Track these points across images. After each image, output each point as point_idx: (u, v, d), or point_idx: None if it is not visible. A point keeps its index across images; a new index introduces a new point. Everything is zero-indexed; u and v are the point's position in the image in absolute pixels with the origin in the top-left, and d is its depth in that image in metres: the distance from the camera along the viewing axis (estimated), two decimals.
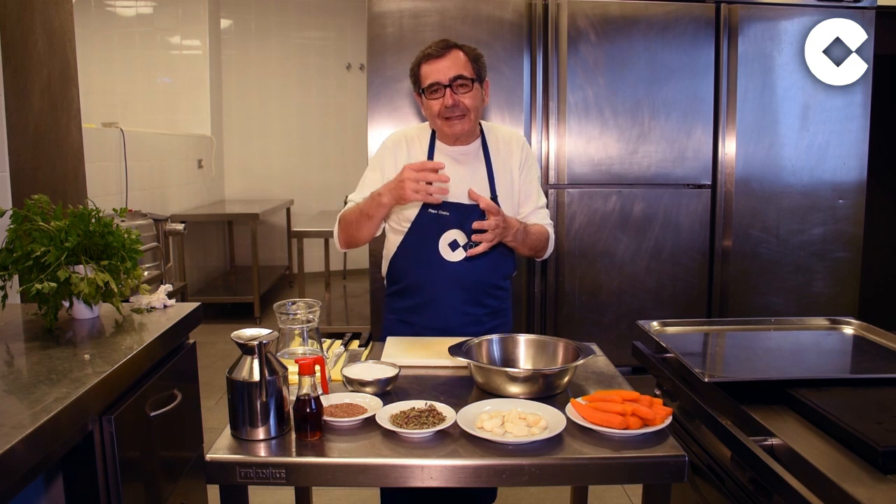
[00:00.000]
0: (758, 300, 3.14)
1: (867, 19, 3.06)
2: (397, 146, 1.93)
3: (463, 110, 1.81)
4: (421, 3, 2.92)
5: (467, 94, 1.81)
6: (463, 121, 1.83)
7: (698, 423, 1.50)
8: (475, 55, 1.86)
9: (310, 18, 6.69)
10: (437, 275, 1.87)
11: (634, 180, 3.05)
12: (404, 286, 1.93)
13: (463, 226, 1.84)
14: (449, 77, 1.79)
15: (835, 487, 1.00)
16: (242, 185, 6.76)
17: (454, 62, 1.81)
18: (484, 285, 1.90)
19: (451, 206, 1.85)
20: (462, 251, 1.86)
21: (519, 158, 1.95)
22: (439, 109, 1.81)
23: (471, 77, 1.82)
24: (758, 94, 3.05)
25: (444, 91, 1.80)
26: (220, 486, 1.23)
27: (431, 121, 1.89)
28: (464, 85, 1.81)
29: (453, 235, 1.85)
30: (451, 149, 1.91)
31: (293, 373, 1.31)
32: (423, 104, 1.88)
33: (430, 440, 1.24)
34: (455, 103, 1.80)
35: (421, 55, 1.85)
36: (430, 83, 1.81)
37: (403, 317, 1.95)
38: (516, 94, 2.97)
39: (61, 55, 2.41)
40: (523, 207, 1.96)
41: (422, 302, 1.90)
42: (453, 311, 1.88)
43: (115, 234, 1.43)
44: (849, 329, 1.83)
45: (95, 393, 1.06)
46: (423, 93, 1.84)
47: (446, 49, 1.82)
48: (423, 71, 1.84)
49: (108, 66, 6.06)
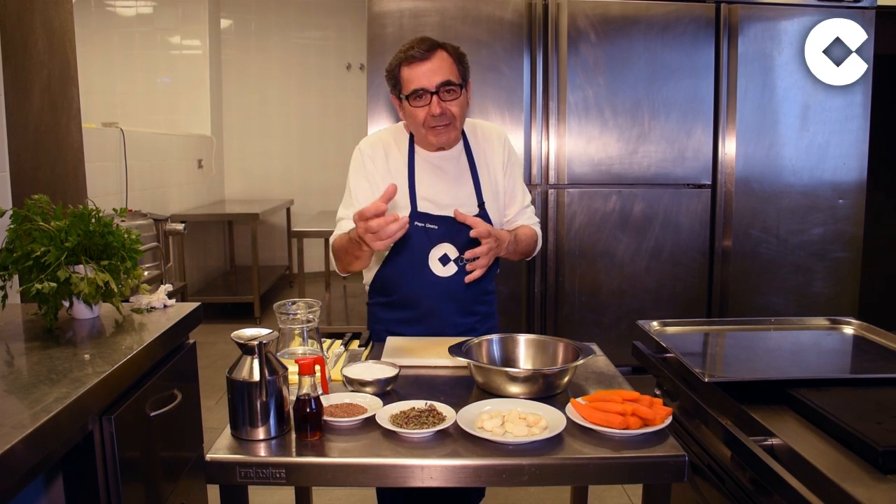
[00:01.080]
0: (758, 300, 3.14)
1: (867, 19, 3.06)
2: (375, 151, 1.81)
3: (450, 118, 1.70)
4: (421, 3, 2.92)
5: (454, 101, 1.69)
6: (449, 129, 1.72)
7: (698, 423, 1.50)
8: (459, 54, 1.73)
9: (310, 18, 6.69)
10: (429, 290, 1.79)
11: (634, 180, 3.05)
12: (394, 300, 1.86)
13: (454, 239, 1.77)
14: (435, 83, 1.66)
15: (835, 487, 1.00)
16: (242, 185, 6.76)
17: (440, 65, 1.67)
18: (475, 294, 1.86)
19: (438, 219, 1.76)
20: (454, 265, 1.78)
21: (502, 157, 1.86)
22: (425, 118, 1.69)
23: (458, 82, 1.70)
24: (758, 94, 3.05)
25: (431, 98, 1.67)
26: (220, 486, 1.22)
27: (415, 129, 1.76)
28: (451, 91, 1.68)
29: (443, 249, 1.77)
30: (433, 155, 1.81)
31: (293, 373, 1.31)
32: (405, 111, 1.74)
33: (429, 440, 1.24)
34: (443, 112, 1.67)
35: (402, 56, 1.69)
36: (414, 89, 1.67)
37: (392, 328, 1.88)
38: (516, 94, 2.97)
39: (61, 55, 2.41)
40: (509, 209, 1.90)
41: (414, 316, 1.84)
42: (446, 324, 1.83)
43: (115, 234, 1.43)
44: (849, 329, 1.83)
45: (95, 393, 1.06)
46: (406, 98, 1.70)
47: (430, 50, 1.67)
48: (404, 74, 1.69)
49: (108, 66, 6.07)
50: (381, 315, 1.92)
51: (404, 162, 1.80)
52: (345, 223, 1.78)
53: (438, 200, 1.78)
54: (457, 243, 1.78)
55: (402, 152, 1.81)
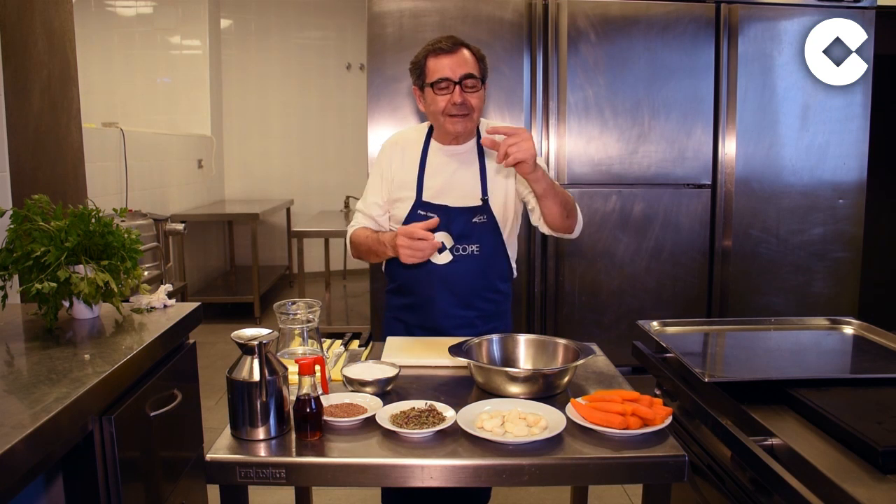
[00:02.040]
0: (758, 300, 3.14)
1: (867, 19, 3.06)
2: (393, 149, 1.94)
3: (469, 109, 1.79)
4: (421, 3, 2.92)
5: (475, 93, 1.80)
6: (466, 120, 1.81)
7: (698, 423, 1.50)
8: (481, 55, 1.85)
9: (310, 18, 6.69)
10: (424, 277, 1.87)
11: (634, 180, 3.05)
12: (398, 285, 1.96)
13: (449, 227, 1.83)
14: (459, 74, 1.77)
15: (835, 487, 1.00)
16: (242, 185, 6.76)
17: (464, 60, 1.79)
18: (475, 288, 1.88)
19: (438, 208, 1.84)
20: (449, 254, 1.84)
21: None
22: (445, 106, 1.79)
23: (479, 76, 1.81)
24: (758, 94, 3.05)
25: (454, 88, 1.77)
26: (220, 486, 1.23)
27: (433, 117, 1.85)
28: (473, 84, 1.79)
29: (440, 238, 1.80)
30: (446, 147, 1.90)
31: (293, 373, 1.31)
32: (426, 99, 1.84)
33: (430, 440, 1.24)
34: (463, 101, 1.78)
35: (430, 48, 1.82)
36: (439, 78, 1.78)
37: (397, 314, 1.97)
38: (516, 94, 2.97)
39: (61, 55, 2.41)
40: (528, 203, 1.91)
41: (413, 302, 1.92)
42: (442, 314, 1.88)
43: (115, 234, 1.43)
44: (849, 329, 1.83)
45: (95, 393, 1.06)
46: (431, 87, 1.80)
47: (456, 46, 1.80)
48: (430, 64, 1.80)
49: (108, 66, 6.06)
50: (391, 301, 2.01)
51: (418, 155, 1.90)
52: (360, 216, 1.95)
53: (442, 189, 1.85)
54: (453, 232, 1.83)
55: (418, 147, 1.91)
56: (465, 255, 1.85)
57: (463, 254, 1.85)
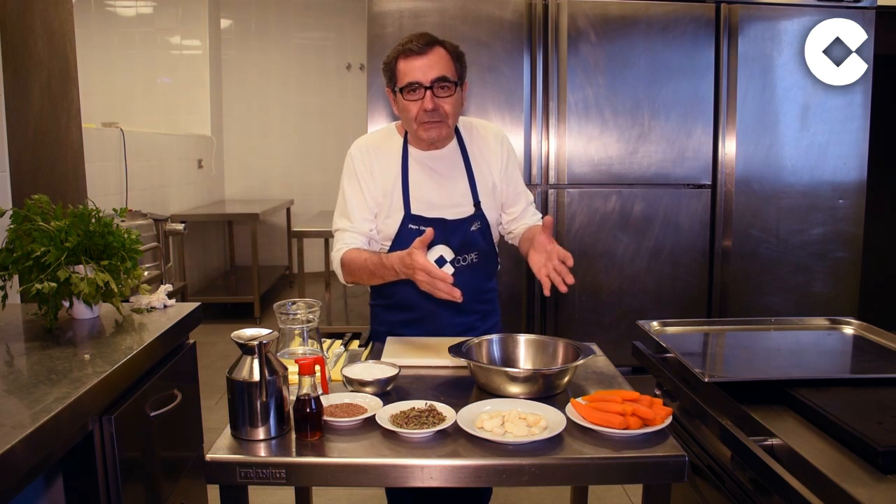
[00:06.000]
0: (758, 300, 3.14)
1: (867, 19, 3.06)
2: (367, 157, 1.78)
3: (442, 116, 1.68)
4: (421, 3, 2.92)
5: (448, 98, 1.68)
6: (440, 126, 1.69)
7: (698, 423, 1.50)
8: (458, 53, 1.72)
9: (310, 18, 6.69)
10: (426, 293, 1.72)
11: (634, 180, 3.05)
12: (395, 301, 1.86)
13: (448, 241, 1.76)
14: (430, 78, 1.65)
15: (835, 487, 1.00)
16: (242, 185, 6.76)
17: (437, 61, 1.66)
18: (475, 293, 1.84)
19: (432, 221, 1.74)
20: (451, 266, 1.76)
21: (499, 156, 1.84)
22: (417, 113, 1.68)
23: (453, 80, 1.68)
24: (758, 94, 3.05)
25: (424, 93, 1.65)
26: (220, 486, 1.22)
27: (406, 123, 1.75)
28: (445, 88, 1.67)
29: (439, 252, 1.75)
30: (426, 154, 1.78)
31: (293, 373, 1.31)
32: (398, 104, 1.73)
33: (430, 440, 1.24)
34: (435, 108, 1.66)
35: (400, 49, 1.68)
36: (409, 82, 1.66)
37: (393, 329, 1.87)
38: (516, 95, 2.97)
39: (61, 55, 2.41)
40: (514, 207, 1.88)
41: (414, 317, 1.85)
42: (445, 324, 1.83)
43: (115, 234, 1.43)
44: (849, 329, 1.83)
45: (95, 393, 1.06)
46: (400, 91, 1.69)
47: (428, 45, 1.66)
48: (400, 67, 1.68)
49: (108, 66, 6.06)
50: (383, 316, 1.91)
51: (397, 164, 1.78)
52: (348, 236, 1.76)
53: (432, 201, 1.76)
54: (452, 245, 1.77)
55: (395, 154, 1.79)
56: (465, 265, 1.80)
57: (463, 264, 1.79)
